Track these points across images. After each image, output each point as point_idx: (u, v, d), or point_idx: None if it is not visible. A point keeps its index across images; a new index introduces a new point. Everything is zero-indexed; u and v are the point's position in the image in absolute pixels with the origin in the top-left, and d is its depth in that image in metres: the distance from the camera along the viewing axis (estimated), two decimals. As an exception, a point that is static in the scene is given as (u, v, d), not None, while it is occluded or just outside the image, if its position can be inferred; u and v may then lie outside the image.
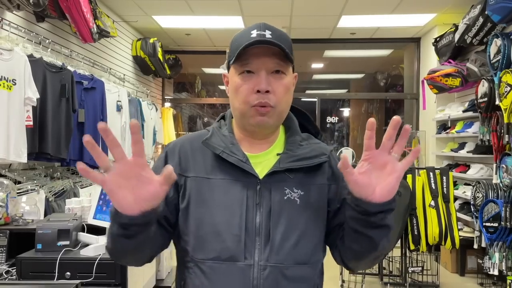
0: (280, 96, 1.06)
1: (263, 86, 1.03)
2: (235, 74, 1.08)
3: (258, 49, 1.04)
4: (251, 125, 1.08)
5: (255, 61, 1.05)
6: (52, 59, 3.32)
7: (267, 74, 1.05)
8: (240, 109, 1.08)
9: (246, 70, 1.05)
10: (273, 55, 1.05)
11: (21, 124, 2.79)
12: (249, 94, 1.05)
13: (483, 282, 4.24)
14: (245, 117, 1.07)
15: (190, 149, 1.12)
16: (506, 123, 3.52)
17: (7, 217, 2.32)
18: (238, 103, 1.07)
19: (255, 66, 1.05)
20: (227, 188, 1.05)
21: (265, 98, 1.04)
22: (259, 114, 1.05)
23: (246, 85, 1.05)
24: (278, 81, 1.06)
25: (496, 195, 3.77)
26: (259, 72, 1.05)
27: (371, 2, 4.74)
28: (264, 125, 1.07)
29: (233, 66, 1.08)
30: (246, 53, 1.04)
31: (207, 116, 9.31)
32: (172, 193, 1.09)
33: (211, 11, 5.13)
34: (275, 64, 1.05)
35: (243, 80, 1.06)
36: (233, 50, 1.08)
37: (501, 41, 3.62)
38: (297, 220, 1.04)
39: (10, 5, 2.88)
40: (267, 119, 1.06)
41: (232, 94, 1.10)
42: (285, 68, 1.07)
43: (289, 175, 1.07)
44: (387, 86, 8.12)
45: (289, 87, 1.09)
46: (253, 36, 1.04)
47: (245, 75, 1.06)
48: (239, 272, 0.99)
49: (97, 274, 1.81)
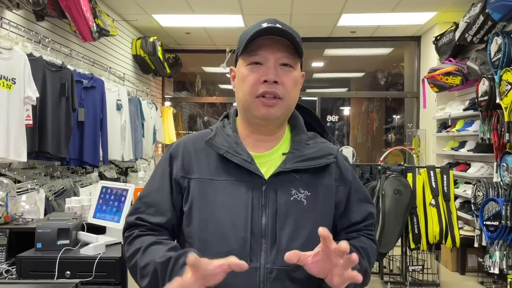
0: (289, 88, 1.04)
1: (271, 76, 1.01)
2: (242, 65, 1.06)
3: (267, 40, 1.02)
4: (256, 117, 1.05)
5: (264, 52, 1.02)
6: (52, 58, 3.31)
7: (276, 65, 1.03)
8: (244, 100, 1.05)
9: (254, 61, 1.03)
10: (283, 47, 1.03)
11: (20, 123, 2.78)
12: (255, 84, 1.02)
13: (483, 281, 4.23)
14: (249, 109, 1.05)
15: (193, 150, 1.10)
16: (507, 121, 3.51)
17: (7, 216, 2.32)
18: (242, 93, 1.05)
19: (264, 57, 1.03)
20: (231, 189, 1.03)
21: (272, 88, 1.01)
22: (265, 105, 1.02)
23: (252, 75, 1.03)
24: (286, 73, 1.04)
25: (497, 193, 3.76)
26: (267, 63, 1.03)
27: (371, 0, 4.73)
28: (270, 117, 1.04)
29: (241, 58, 1.06)
30: (254, 44, 1.02)
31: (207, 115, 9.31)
32: (176, 196, 1.08)
33: (211, 10, 5.13)
34: (284, 56, 1.03)
35: (251, 70, 1.03)
36: (242, 42, 1.05)
37: (502, 39, 3.61)
38: (304, 222, 1.02)
39: (10, 4, 2.88)
40: (273, 111, 1.03)
41: (238, 85, 1.07)
42: (294, 63, 1.05)
43: (295, 176, 1.04)
44: (387, 84, 8.11)
45: (297, 82, 1.07)
46: (263, 27, 1.02)
47: (253, 66, 1.04)
48: (244, 275, 0.94)
49: (97, 273, 1.82)
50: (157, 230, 1.07)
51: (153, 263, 0.98)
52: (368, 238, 1.12)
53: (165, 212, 1.07)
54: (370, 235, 1.13)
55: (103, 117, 3.91)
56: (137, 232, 1.07)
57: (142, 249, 1.02)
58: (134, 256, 1.03)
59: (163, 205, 1.07)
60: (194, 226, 1.03)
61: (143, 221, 1.08)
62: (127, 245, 1.08)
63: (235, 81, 1.10)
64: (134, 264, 1.03)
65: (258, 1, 4.80)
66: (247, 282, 0.97)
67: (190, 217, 1.05)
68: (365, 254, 1.07)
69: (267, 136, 1.10)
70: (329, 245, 0.89)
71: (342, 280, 0.92)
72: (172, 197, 1.08)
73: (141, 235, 1.06)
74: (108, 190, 2.10)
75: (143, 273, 1.00)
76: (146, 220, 1.07)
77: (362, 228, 1.12)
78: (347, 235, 1.10)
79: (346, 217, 1.11)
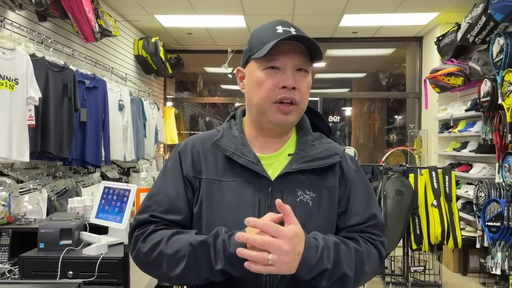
0: (304, 94, 1.05)
1: (290, 83, 1.01)
2: (257, 69, 1.05)
3: (286, 45, 1.02)
4: (271, 122, 1.05)
5: (282, 57, 1.02)
6: (54, 58, 3.32)
7: (293, 71, 1.03)
8: (259, 105, 1.05)
9: (272, 66, 1.03)
10: (300, 53, 1.03)
11: (23, 123, 2.79)
12: (272, 90, 1.02)
13: (485, 282, 4.23)
14: (265, 114, 1.05)
15: (201, 150, 1.10)
16: (509, 122, 3.51)
17: (9, 216, 2.32)
18: (258, 98, 1.05)
19: (282, 63, 1.03)
20: (238, 191, 1.03)
21: (290, 94, 1.02)
22: (282, 112, 1.03)
23: (270, 81, 1.03)
24: (302, 78, 1.05)
25: (499, 194, 3.76)
26: (285, 69, 1.03)
27: (373, 1, 4.73)
28: (285, 123, 1.05)
29: (256, 61, 1.05)
30: (272, 49, 1.01)
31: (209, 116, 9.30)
32: (190, 195, 1.07)
33: (213, 10, 5.13)
34: (301, 61, 1.04)
35: (268, 75, 1.03)
36: (256, 45, 1.05)
37: (504, 40, 3.61)
38: (309, 223, 1.02)
39: (12, 4, 2.89)
40: (290, 117, 1.04)
41: (252, 89, 1.07)
42: (308, 67, 1.06)
43: (301, 177, 1.05)
44: (389, 85, 8.10)
45: (310, 85, 1.08)
46: (279, 32, 1.03)
47: (270, 70, 1.03)
48: (251, 277, 0.94)
49: (99, 273, 1.82)
50: (173, 227, 1.04)
51: (186, 246, 0.96)
52: (370, 242, 1.07)
53: (179, 210, 1.06)
54: (373, 239, 1.08)
55: (105, 117, 3.91)
56: (152, 227, 1.04)
57: (165, 239, 0.99)
58: (155, 248, 1.00)
59: (177, 202, 1.06)
60: (202, 226, 1.04)
61: (157, 218, 1.05)
62: (141, 243, 1.03)
63: (246, 83, 1.09)
64: (158, 255, 0.99)
65: (260, 1, 4.80)
66: (254, 284, 0.97)
67: (199, 217, 1.05)
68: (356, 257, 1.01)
69: (276, 139, 1.11)
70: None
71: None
72: (186, 195, 1.07)
73: (158, 230, 1.03)
74: (111, 190, 2.11)
75: (175, 260, 0.97)
76: (162, 218, 1.05)
77: (364, 230, 1.09)
78: (347, 234, 1.08)
79: (346, 217, 1.09)
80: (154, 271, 1.03)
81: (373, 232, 1.09)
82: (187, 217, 1.06)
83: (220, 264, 0.93)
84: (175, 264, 0.97)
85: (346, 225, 1.09)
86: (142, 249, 1.02)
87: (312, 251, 0.93)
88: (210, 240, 0.95)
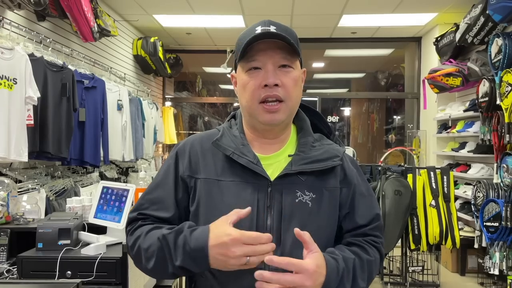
0: (290, 89, 1.04)
1: (271, 80, 1.01)
2: (242, 72, 1.06)
3: (263, 44, 1.02)
4: (260, 123, 1.06)
5: (261, 56, 1.02)
6: (53, 58, 3.31)
7: (275, 68, 1.02)
8: (248, 107, 1.06)
9: (253, 66, 1.03)
10: (279, 49, 1.03)
11: (22, 123, 2.79)
12: (256, 90, 1.03)
13: (483, 282, 4.24)
14: (254, 115, 1.05)
15: (200, 150, 1.10)
16: (507, 122, 3.51)
17: (8, 216, 2.32)
18: (245, 100, 1.05)
19: (262, 61, 1.03)
20: (237, 191, 1.03)
21: (273, 91, 1.02)
22: (268, 111, 1.03)
23: (253, 81, 1.03)
24: (286, 74, 1.03)
25: (497, 194, 3.77)
26: (266, 67, 1.03)
27: (372, 1, 4.74)
28: (274, 122, 1.05)
29: (239, 65, 1.06)
30: (251, 50, 1.02)
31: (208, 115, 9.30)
32: (181, 194, 1.08)
33: (212, 10, 5.13)
34: (282, 58, 1.03)
35: (250, 76, 1.04)
36: (238, 48, 1.05)
37: (502, 40, 3.62)
38: (308, 224, 1.02)
39: (11, 4, 2.88)
40: (277, 116, 1.03)
41: (240, 92, 1.08)
42: (292, 62, 1.05)
43: (301, 178, 1.05)
44: (388, 85, 8.11)
45: (297, 81, 1.07)
46: (258, 32, 1.02)
47: (252, 71, 1.04)
48: (250, 276, 0.94)
49: (98, 273, 1.82)
50: (161, 224, 1.07)
51: (156, 241, 1.00)
52: (374, 246, 1.10)
53: (169, 208, 1.08)
54: (376, 242, 1.11)
55: (104, 117, 3.91)
56: (140, 222, 1.09)
57: (143, 234, 1.04)
58: (136, 243, 1.05)
59: (167, 201, 1.08)
60: (201, 225, 1.03)
61: (146, 215, 1.09)
62: (129, 236, 1.09)
63: (237, 87, 1.10)
64: (137, 249, 1.04)
65: (259, 1, 4.80)
66: (252, 283, 0.96)
67: (197, 217, 1.05)
68: (368, 268, 1.06)
69: (272, 139, 1.11)
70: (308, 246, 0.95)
71: None
72: (176, 194, 1.09)
73: (143, 225, 1.08)
74: (109, 190, 2.11)
75: (147, 255, 1.01)
76: (149, 214, 1.09)
77: (368, 232, 1.10)
78: (353, 238, 1.09)
79: (351, 219, 1.10)
80: (138, 265, 1.07)
81: (375, 234, 1.12)
82: (175, 215, 1.08)
83: (179, 260, 0.96)
84: (148, 258, 1.02)
85: (352, 227, 1.10)
86: (128, 242, 1.08)
87: (333, 274, 0.96)
88: (170, 236, 0.99)
